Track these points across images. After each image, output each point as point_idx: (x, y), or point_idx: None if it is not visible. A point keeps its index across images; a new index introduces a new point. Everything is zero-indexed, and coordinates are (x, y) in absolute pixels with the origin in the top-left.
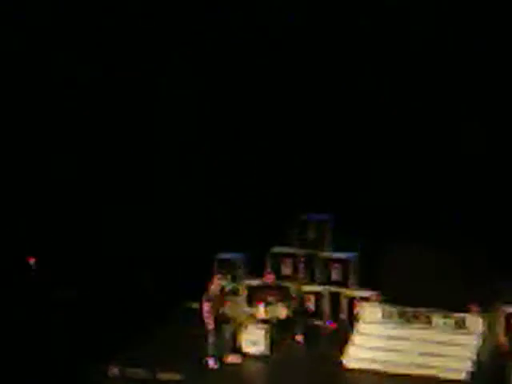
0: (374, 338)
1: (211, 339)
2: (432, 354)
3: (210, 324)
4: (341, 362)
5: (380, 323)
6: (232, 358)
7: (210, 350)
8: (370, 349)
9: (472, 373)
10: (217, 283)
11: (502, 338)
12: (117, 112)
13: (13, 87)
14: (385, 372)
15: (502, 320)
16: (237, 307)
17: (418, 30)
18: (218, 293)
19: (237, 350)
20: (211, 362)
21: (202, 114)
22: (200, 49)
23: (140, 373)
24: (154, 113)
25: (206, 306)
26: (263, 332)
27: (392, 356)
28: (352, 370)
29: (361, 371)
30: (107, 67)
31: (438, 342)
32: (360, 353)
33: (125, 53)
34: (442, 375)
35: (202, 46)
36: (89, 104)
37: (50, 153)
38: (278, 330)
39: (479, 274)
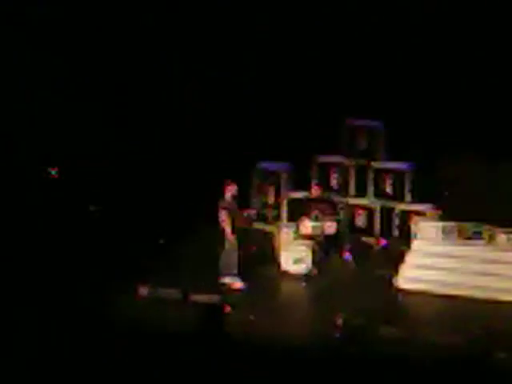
0: (429, 256)
1: (234, 254)
2: (492, 274)
3: (230, 236)
4: (393, 282)
5: (437, 240)
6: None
7: (233, 267)
8: (426, 268)
9: None
10: (230, 189)
11: None
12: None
13: None
14: (441, 293)
15: None
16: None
17: None
18: (233, 201)
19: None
20: (238, 283)
21: None
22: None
23: (172, 293)
24: None
25: (224, 216)
26: (308, 249)
27: (450, 276)
28: (405, 291)
29: (414, 292)
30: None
31: (500, 262)
32: (414, 272)
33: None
34: (502, 297)
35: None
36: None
37: None
38: (324, 247)
39: None
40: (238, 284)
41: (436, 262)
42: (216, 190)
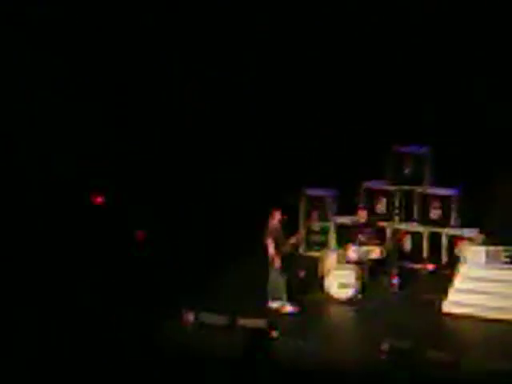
0: (477, 281)
1: (281, 279)
2: None
3: (277, 262)
4: (439, 307)
5: (484, 265)
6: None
7: (284, 292)
8: (473, 293)
9: None
10: (277, 216)
11: None
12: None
13: None
14: (489, 318)
15: None
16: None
17: None
18: (279, 227)
19: (324, 293)
20: (288, 307)
21: None
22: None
23: (218, 319)
24: None
25: (270, 243)
26: (354, 274)
27: (497, 301)
28: (451, 315)
29: (461, 317)
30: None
31: None
32: (461, 296)
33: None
34: None
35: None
36: None
37: None
38: (370, 272)
39: None
40: (287, 308)
41: (483, 286)
42: (262, 216)
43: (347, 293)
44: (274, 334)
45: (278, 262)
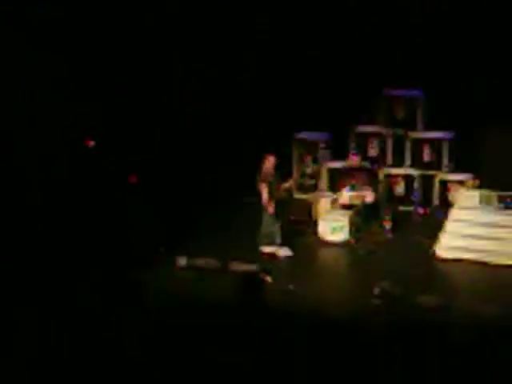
0: (469, 225)
1: (274, 223)
2: None
3: (271, 208)
4: (433, 252)
5: (477, 209)
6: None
7: (278, 237)
8: (466, 237)
9: None
10: (271, 161)
11: None
12: None
13: None
14: (481, 262)
15: None
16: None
17: None
18: (273, 172)
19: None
20: (282, 251)
21: None
22: None
23: (210, 263)
24: None
25: (263, 188)
26: (347, 218)
27: (490, 245)
28: (445, 260)
29: (454, 261)
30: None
31: None
32: (454, 241)
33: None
34: None
35: None
36: None
37: None
38: (363, 217)
39: None
40: (280, 252)
41: (475, 230)
42: (256, 161)
43: (340, 237)
44: (267, 278)
45: (271, 207)
